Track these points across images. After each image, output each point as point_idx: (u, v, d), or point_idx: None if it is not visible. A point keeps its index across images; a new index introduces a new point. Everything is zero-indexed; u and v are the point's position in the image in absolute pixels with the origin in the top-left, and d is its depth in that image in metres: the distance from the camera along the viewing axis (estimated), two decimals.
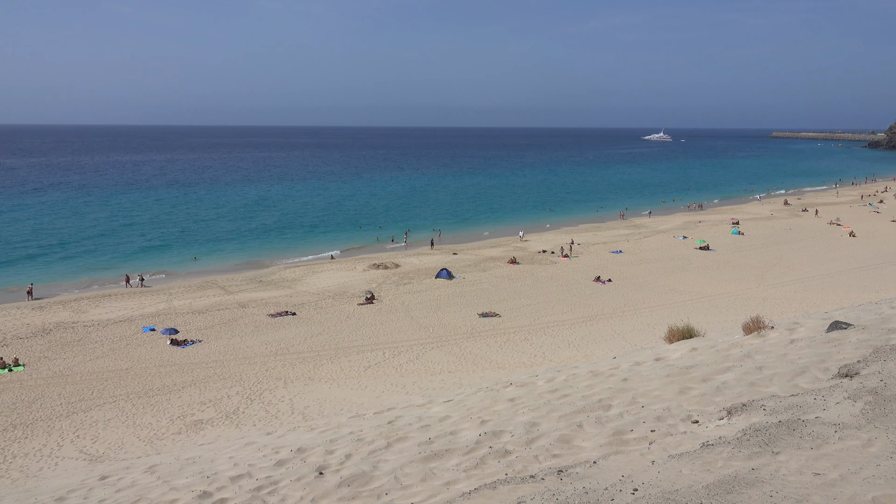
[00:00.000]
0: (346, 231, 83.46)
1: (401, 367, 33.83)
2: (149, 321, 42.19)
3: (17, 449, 24.82)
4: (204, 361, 35.13)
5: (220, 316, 43.65)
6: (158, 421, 27.24)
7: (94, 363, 34.81)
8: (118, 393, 30.67)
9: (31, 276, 54.33)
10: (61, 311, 44.45)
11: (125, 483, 9.11)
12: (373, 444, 8.45)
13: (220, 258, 66.17)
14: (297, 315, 43.83)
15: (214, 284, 52.96)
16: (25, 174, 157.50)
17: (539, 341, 37.74)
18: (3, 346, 37.30)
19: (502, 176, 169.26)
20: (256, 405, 28.76)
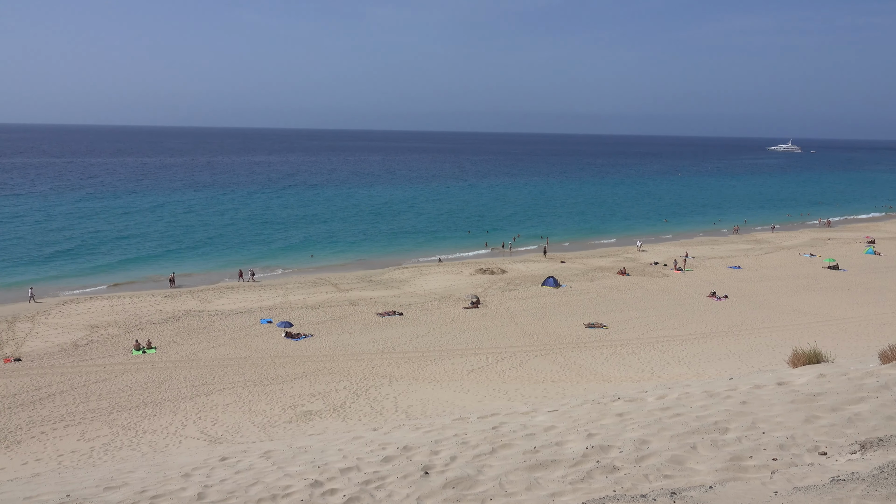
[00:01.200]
0: (455, 235, 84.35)
1: (503, 372, 33.76)
2: (266, 314, 44.51)
3: (147, 425, 26.90)
4: (315, 355, 36.60)
5: (332, 312, 45.34)
6: (272, 409, 28.66)
7: (217, 350, 37.13)
8: (236, 380, 32.54)
9: (170, 267, 58.72)
10: (190, 300, 47.79)
11: (243, 465, 9.66)
12: (477, 448, 8.48)
13: (334, 257, 68.78)
14: (403, 315, 44.78)
15: (327, 282, 55.09)
16: (172, 172, 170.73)
17: (647, 356, 36.50)
18: (139, 329, 40.56)
19: (614, 185, 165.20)
20: (362, 400, 29.62)
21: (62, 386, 31.37)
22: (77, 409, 28.64)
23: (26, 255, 63.38)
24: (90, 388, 31.20)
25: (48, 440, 25.40)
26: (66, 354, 36.11)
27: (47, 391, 30.68)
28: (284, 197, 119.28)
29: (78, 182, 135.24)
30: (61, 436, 25.77)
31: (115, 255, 65.30)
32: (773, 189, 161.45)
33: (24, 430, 26.29)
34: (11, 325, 41.10)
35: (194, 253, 68.55)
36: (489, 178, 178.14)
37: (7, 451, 24.43)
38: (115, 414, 28.05)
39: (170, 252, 67.89)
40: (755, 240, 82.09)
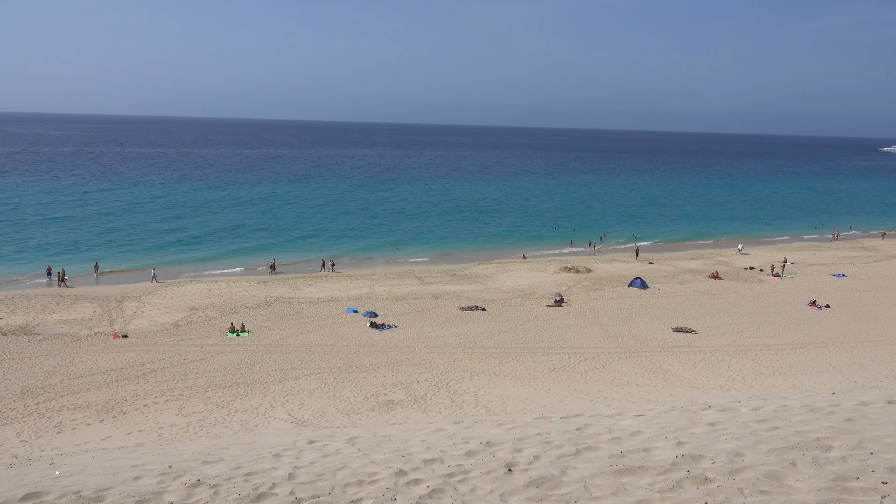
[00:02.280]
0: (541, 231, 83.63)
1: (586, 373, 33.22)
2: (352, 303, 45.64)
3: (238, 404, 28.18)
4: (398, 346, 37.23)
5: (416, 304, 45.96)
6: (355, 396, 29.38)
7: (305, 336, 38.41)
8: (322, 366, 33.56)
9: (272, 255, 61.22)
10: (281, 287, 49.65)
11: (330, 450, 9.95)
12: (561, 448, 8.40)
13: (420, 250, 69.67)
14: (486, 311, 44.83)
15: (412, 274, 55.87)
16: (276, 165, 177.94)
17: (739, 364, 34.98)
18: (234, 313, 42.52)
19: (711, 185, 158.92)
20: (443, 393, 29.89)
21: (163, 363, 33.33)
22: (176, 385, 30.35)
23: (149, 241, 67.71)
24: (188, 366, 32.99)
25: (150, 413, 27.05)
26: (168, 333, 38.33)
27: (150, 367, 32.68)
28: (380, 190, 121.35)
29: (192, 172, 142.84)
30: (161, 409, 27.38)
31: (226, 243, 68.68)
32: (883, 193, 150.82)
33: (129, 402, 28.10)
34: (121, 303, 44.02)
35: (292, 242, 71.13)
36: (580, 175, 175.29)
37: (114, 420, 26.19)
38: (210, 392, 29.53)
39: (272, 241, 70.73)
40: (862, 247, 76.99)
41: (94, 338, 37.08)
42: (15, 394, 28.72)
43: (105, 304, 43.85)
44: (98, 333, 37.85)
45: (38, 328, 38.43)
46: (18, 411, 26.95)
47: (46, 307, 42.64)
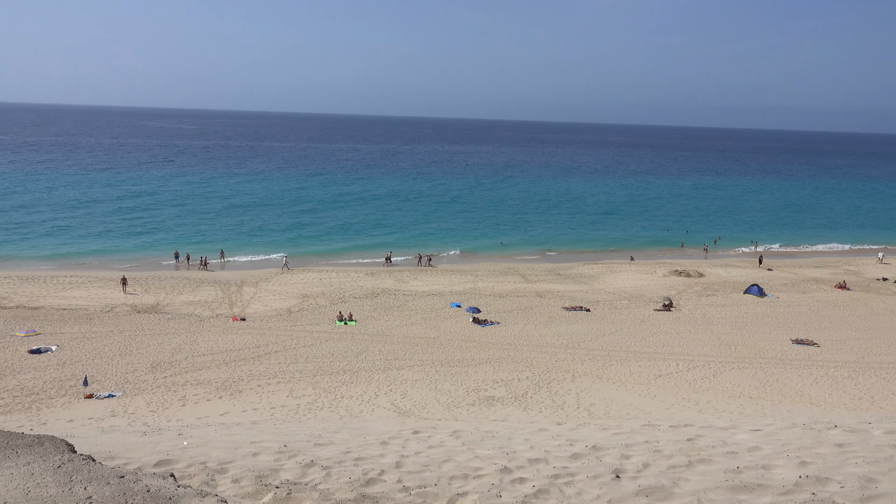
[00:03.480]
0: (650, 233, 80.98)
1: (695, 382, 31.87)
2: (456, 298, 46.09)
3: (344, 391, 29.18)
4: (500, 342, 37.25)
5: (519, 302, 45.79)
6: (456, 390, 29.68)
7: (409, 328, 39.20)
8: (425, 358, 34.13)
9: (388, 247, 63.09)
10: (388, 279, 50.93)
11: (434, 441, 10.13)
12: (672, 458, 8.12)
13: (525, 247, 69.35)
14: (590, 312, 43.98)
15: (516, 272, 55.69)
16: (398, 160, 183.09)
17: (867, 382, 32.38)
18: (342, 302, 44.06)
19: (837, 187, 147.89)
20: (544, 393, 29.62)
21: (276, 346, 35.06)
22: (287, 368, 31.85)
23: (275, 232, 71.61)
24: (299, 351, 34.52)
25: (263, 393, 28.54)
26: (281, 318, 40.27)
27: (264, 350, 34.47)
28: (494, 188, 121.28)
29: (319, 167, 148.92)
30: (274, 391, 28.82)
31: (347, 235, 71.45)
32: None
33: (244, 382, 29.79)
34: (240, 288, 46.71)
35: (408, 236, 72.75)
36: (692, 175, 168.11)
37: (231, 398, 27.85)
38: (319, 377, 30.77)
39: (390, 235, 72.70)
40: None
41: (216, 319, 39.56)
42: (146, 367, 31.18)
43: (226, 288, 46.68)
44: (219, 315, 40.34)
45: (166, 308, 41.48)
46: (148, 383, 29.24)
47: (175, 289, 45.94)
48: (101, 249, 59.56)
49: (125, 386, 28.82)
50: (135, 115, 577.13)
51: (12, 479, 6.31)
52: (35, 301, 41.56)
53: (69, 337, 35.11)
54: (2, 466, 6.65)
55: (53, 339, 34.69)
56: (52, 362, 31.40)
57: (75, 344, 34.06)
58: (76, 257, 56.56)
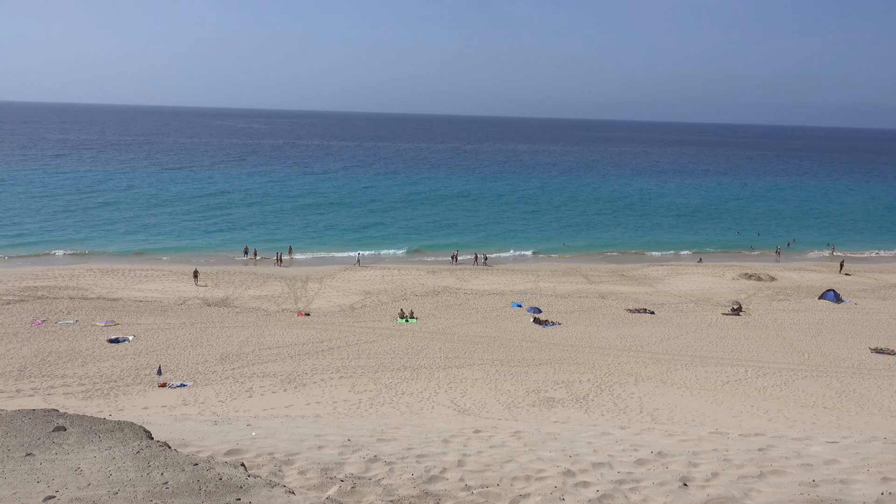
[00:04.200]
0: (720, 235, 78.52)
1: (764, 389, 30.75)
2: (517, 297, 45.87)
3: (405, 387, 29.47)
4: (561, 343, 36.86)
5: (581, 303, 45.21)
6: (516, 390, 29.54)
7: (469, 327, 39.26)
8: (485, 357, 34.11)
9: (455, 246, 63.58)
10: (448, 278, 51.13)
11: (496, 441, 10.11)
12: (742, 468, 7.86)
13: (587, 247, 68.39)
14: (655, 314, 43.02)
15: (578, 272, 54.99)
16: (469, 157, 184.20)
17: None
18: (404, 299, 44.49)
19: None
20: (605, 396, 29.16)
21: (339, 342, 35.72)
22: (350, 363, 32.40)
23: (350, 231, 72.96)
24: (361, 346, 35.07)
25: (326, 387, 29.13)
26: (344, 314, 41.00)
27: (327, 344, 35.17)
28: (570, 189, 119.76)
29: (391, 166, 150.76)
30: (336, 385, 29.37)
31: (413, 235, 72.08)
32: None
33: (308, 376, 30.47)
34: (305, 284, 47.80)
35: (477, 235, 72.80)
36: (766, 175, 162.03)
37: (295, 391, 28.55)
38: (380, 373, 31.17)
39: (460, 234, 73.03)
40: None
41: (281, 314, 40.61)
42: (215, 358, 32.29)
43: (291, 283, 47.85)
44: (284, 310, 41.39)
45: (235, 301, 42.85)
46: (217, 374, 30.28)
47: (243, 283, 47.40)
48: (177, 245, 62.02)
49: (196, 376, 29.93)
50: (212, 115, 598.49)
51: (95, 462, 6.64)
52: (114, 293, 43.63)
53: (145, 328, 36.71)
54: (86, 450, 7.01)
55: (130, 329, 36.34)
56: (129, 351, 32.91)
57: (150, 334, 35.59)
58: (153, 252, 59.09)
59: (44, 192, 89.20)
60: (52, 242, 60.81)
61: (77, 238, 63.24)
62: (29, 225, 68.11)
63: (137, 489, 5.96)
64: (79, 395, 27.19)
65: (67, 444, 7.15)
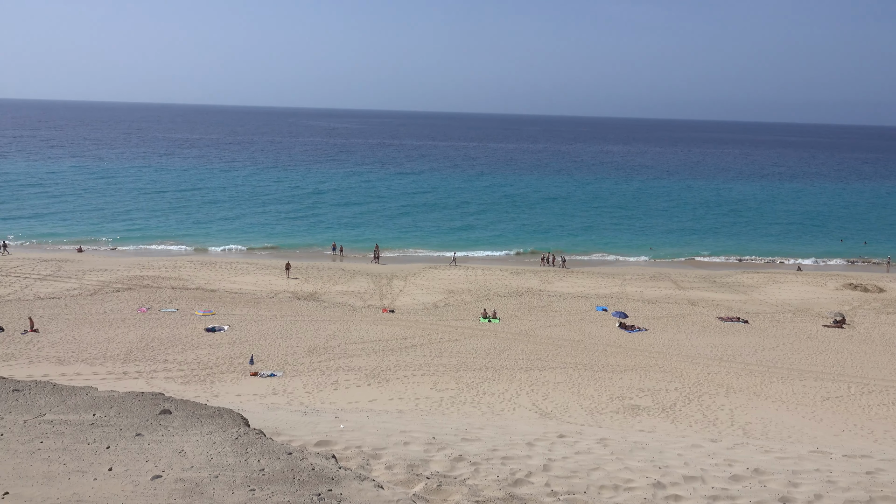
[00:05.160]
0: (822, 241, 74.17)
1: (869, 408, 28.83)
2: (602, 301, 44.98)
3: (486, 387, 29.47)
4: (647, 350, 35.87)
5: (669, 309, 43.83)
6: (599, 395, 28.98)
7: (552, 330, 38.82)
8: (568, 361, 33.64)
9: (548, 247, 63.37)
10: (532, 279, 50.76)
11: (581, 447, 9.95)
12: (849, 492, 7.39)
13: (673, 251, 66.19)
14: (749, 324, 41.15)
15: (667, 277, 53.34)
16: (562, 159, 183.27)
17: None
18: (487, 300, 44.50)
19: None
20: (694, 406, 28.15)
21: (422, 339, 36.14)
22: (432, 361, 32.73)
23: (449, 227, 74.09)
24: (443, 345, 35.34)
25: (409, 383, 29.54)
26: (428, 312, 41.44)
27: (411, 342, 35.66)
28: (671, 193, 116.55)
29: (491, 167, 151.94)
30: (419, 382, 29.73)
31: (503, 235, 72.28)
32: None
33: (391, 371, 31.00)
34: (390, 281, 48.67)
35: (567, 236, 72.09)
36: (875, 179, 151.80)
37: (379, 386, 29.11)
38: (462, 372, 31.32)
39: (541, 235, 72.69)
40: None
41: (367, 310, 41.50)
42: (304, 350, 33.39)
43: (377, 280, 48.83)
44: (370, 306, 42.28)
45: (323, 296, 44.14)
46: (305, 366, 31.29)
47: (331, 279, 48.78)
48: (270, 240, 64.53)
49: (285, 367, 31.05)
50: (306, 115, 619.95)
51: (198, 446, 7.01)
52: (212, 284, 45.88)
53: (239, 318, 38.40)
54: (189, 433, 7.41)
55: (226, 319, 38.11)
56: (224, 340, 34.53)
57: (244, 325, 37.20)
58: (249, 246, 61.72)
59: (153, 188, 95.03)
60: (158, 235, 64.70)
61: (180, 231, 67.00)
62: (138, 218, 72.76)
63: (236, 474, 6.24)
64: (178, 380, 28.77)
65: (172, 427, 7.58)
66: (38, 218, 70.73)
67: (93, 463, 6.41)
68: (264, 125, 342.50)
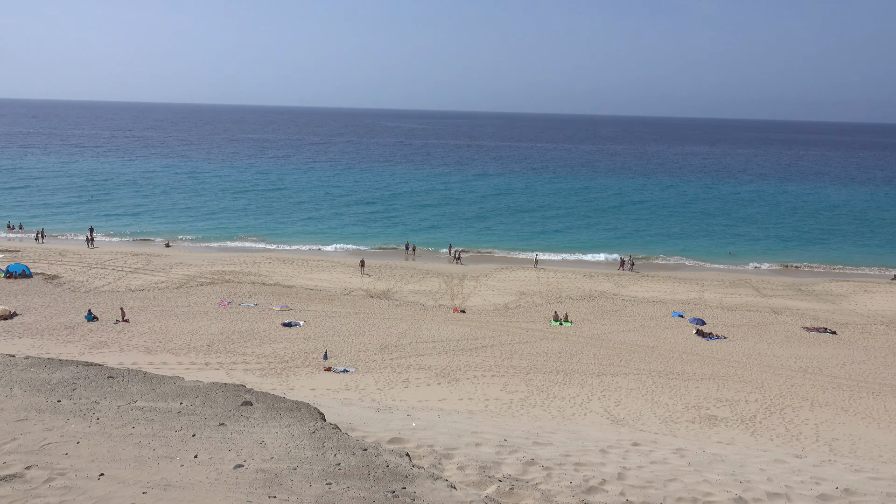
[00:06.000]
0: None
1: None
2: (678, 307, 43.69)
3: (557, 391, 29.14)
4: (726, 358, 34.60)
5: (750, 317, 42.12)
6: (674, 404, 28.16)
7: (626, 335, 37.99)
8: (641, 367, 32.84)
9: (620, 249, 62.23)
10: (606, 283, 49.82)
11: (657, 457, 9.69)
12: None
13: (757, 257, 63.52)
14: (836, 335, 39.06)
15: (748, 284, 51.28)
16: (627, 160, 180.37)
17: None
18: (559, 302, 44.00)
19: None
20: (776, 419, 26.96)
21: (493, 340, 36.08)
22: (502, 363, 32.62)
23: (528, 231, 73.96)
24: (514, 347, 35.17)
25: (478, 384, 29.55)
26: (498, 313, 41.34)
27: (481, 342, 35.66)
28: (744, 195, 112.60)
29: (575, 169, 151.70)
30: (488, 383, 29.70)
31: (576, 237, 71.52)
32: None
33: (461, 371, 31.10)
34: (461, 281, 48.82)
35: (645, 239, 70.57)
36: None
37: (449, 385, 29.26)
38: (532, 375, 31.08)
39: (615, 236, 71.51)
40: None
41: (438, 309, 41.78)
42: (375, 348, 33.94)
43: (448, 280, 49.08)
44: (441, 306, 42.54)
45: (396, 295, 44.72)
46: (377, 363, 31.80)
47: (403, 277, 49.37)
48: (345, 239, 65.93)
49: (357, 363, 31.64)
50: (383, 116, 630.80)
51: (277, 438, 7.23)
52: (289, 280, 47.27)
53: (314, 314, 39.40)
54: (269, 425, 7.65)
55: (301, 315, 39.18)
56: (300, 335, 35.51)
57: (318, 321, 38.14)
58: (324, 244, 63.27)
59: (237, 188, 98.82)
60: (240, 232, 67.26)
61: (261, 229, 69.39)
62: (222, 216, 75.89)
63: (313, 467, 6.40)
64: (256, 372, 29.79)
65: (253, 418, 7.85)
66: (132, 215, 74.86)
67: (179, 450, 6.71)
68: (343, 126, 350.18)
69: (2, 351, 14.19)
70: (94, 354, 30.62)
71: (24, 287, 42.96)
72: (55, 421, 7.21)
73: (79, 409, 7.66)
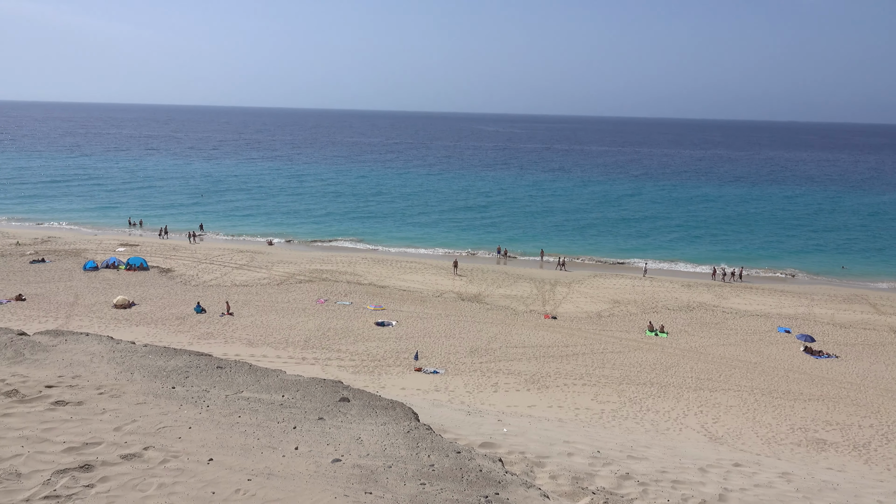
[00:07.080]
0: None
1: None
2: (785, 322, 41.33)
3: (650, 404, 28.24)
4: (837, 379, 32.42)
5: (865, 336, 39.27)
6: (778, 424, 26.67)
7: (726, 349, 36.31)
8: (743, 384, 31.28)
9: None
10: (705, 294, 47.83)
11: (761, 480, 9.20)
12: None
13: (874, 272, 59.08)
14: None
15: (864, 300, 47.82)
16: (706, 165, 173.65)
17: None
18: (654, 312, 42.63)
19: None
20: (894, 447, 24.99)
21: (584, 348, 35.42)
22: (593, 372, 31.96)
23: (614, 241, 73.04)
24: (606, 356, 34.38)
25: (568, 392, 29.09)
26: (591, 321, 40.54)
27: (572, 350, 35.09)
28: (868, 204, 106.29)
29: (659, 172, 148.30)
30: (579, 392, 29.18)
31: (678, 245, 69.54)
32: None
33: (551, 378, 30.71)
34: (553, 287, 48.25)
35: (751, 249, 67.66)
36: None
37: (538, 391, 28.97)
38: (624, 385, 30.27)
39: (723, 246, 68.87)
40: None
41: (529, 314, 41.46)
42: (465, 351, 34.08)
43: (540, 286, 48.62)
44: (532, 311, 42.19)
45: (486, 298, 44.75)
46: (467, 366, 31.93)
47: (495, 281, 49.34)
48: (439, 241, 66.65)
49: (447, 365, 31.89)
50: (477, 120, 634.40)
51: (373, 435, 7.40)
52: (383, 280, 48.30)
53: (406, 315, 40.05)
54: (365, 422, 7.85)
55: (394, 315, 39.93)
56: (392, 335, 36.19)
57: (410, 322, 38.74)
58: (419, 246, 64.26)
59: (336, 190, 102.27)
60: (338, 233, 69.47)
61: (357, 230, 71.37)
62: (322, 216, 78.75)
63: (408, 466, 6.51)
64: (349, 369, 30.62)
65: (350, 415, 8.07)
66: (237, 214, 78.95)
67: (282, 441, 7.00)
68: (440, 131, 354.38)
69: (123, 337, 15.29)
70: (202, 345, 32.44)
71: (142, 279, 46.14)
72: (170, 406, 7.69)
73: (191, 396, 8.13)
